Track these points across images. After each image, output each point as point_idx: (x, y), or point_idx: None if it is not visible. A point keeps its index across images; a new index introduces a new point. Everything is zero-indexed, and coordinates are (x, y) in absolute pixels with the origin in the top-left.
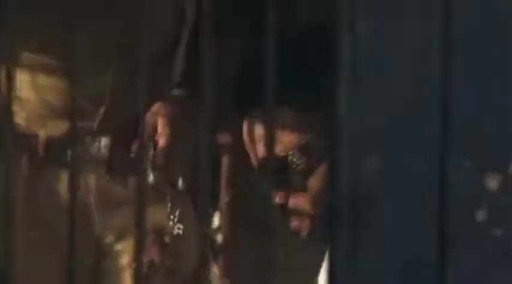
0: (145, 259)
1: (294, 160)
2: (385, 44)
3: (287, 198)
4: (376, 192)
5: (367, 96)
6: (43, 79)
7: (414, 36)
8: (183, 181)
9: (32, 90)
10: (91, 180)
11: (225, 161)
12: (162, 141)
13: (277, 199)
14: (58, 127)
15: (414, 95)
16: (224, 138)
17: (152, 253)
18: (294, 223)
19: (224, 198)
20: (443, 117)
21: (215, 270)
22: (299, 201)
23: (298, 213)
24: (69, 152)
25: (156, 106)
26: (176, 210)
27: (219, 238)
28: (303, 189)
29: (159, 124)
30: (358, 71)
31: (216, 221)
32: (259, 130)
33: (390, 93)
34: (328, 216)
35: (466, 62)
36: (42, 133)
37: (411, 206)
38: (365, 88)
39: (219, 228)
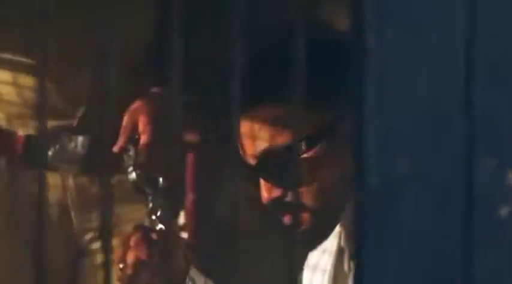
0: (132, 258)
1: (302, 147)
2: (411, 47)
3: (285, 191)
4: (402, 191)
5: (393, 97)
6: (24, 79)
7: (439, 39)
8: (164, 180)
9: (12, 90)
10: (68, 179)
11: (191, 160)
12: (143, 139)
13: (274, 193)
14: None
15: (439, 96)
16: (191, 136)
17: (140, 251)
18: (288, 218)
19: (190, 197)
20: (467, 117)
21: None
22: (301, 195)
23: (296, 207)
24: (49, 152)
25: (136, 104)
26: (157, 209)
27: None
28: (308, 182)
29: (140, 122)
30: (385, 73)
31: (181, 219)
32: (252, 126)
33: (416, 95)
34: (355, 215)
35: (488, 63)
36: (21, 133)
37: (436, 205)
38: (391, 90)
39: (184, 226)
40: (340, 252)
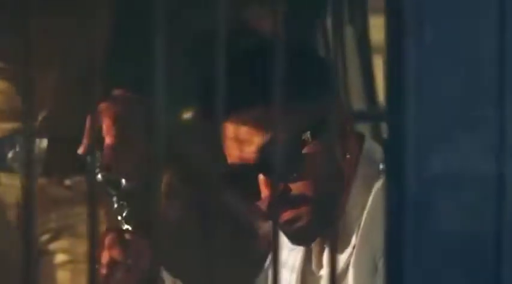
0: (107, 259)
1: (309, 139)
2: (446, 51)
3: (287, 186)
4: (437, 191)
5: (429, 100)
6: None
7: (472, 44)
8: (126, 181)
9: None
10: None
11: None
12: (108, 140)
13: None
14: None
15: (472, 99)
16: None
17: (114, 252)
18: (287, 214)
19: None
20: (499, 120)
21: None
22: (302, 188)
23: (296, 203)
24: (8, 154)
25: (100, 106)
26: (123, 210)
27: None
28: (310, 176)
29: (104, 124)
30: (422, 76)
31: None
32: (242, 128)
33: (451, 98)
34: (391, 215)
35: None
36: None
37: (470, 205)
38: (428, 93)
39: None
40: (308, 250)
